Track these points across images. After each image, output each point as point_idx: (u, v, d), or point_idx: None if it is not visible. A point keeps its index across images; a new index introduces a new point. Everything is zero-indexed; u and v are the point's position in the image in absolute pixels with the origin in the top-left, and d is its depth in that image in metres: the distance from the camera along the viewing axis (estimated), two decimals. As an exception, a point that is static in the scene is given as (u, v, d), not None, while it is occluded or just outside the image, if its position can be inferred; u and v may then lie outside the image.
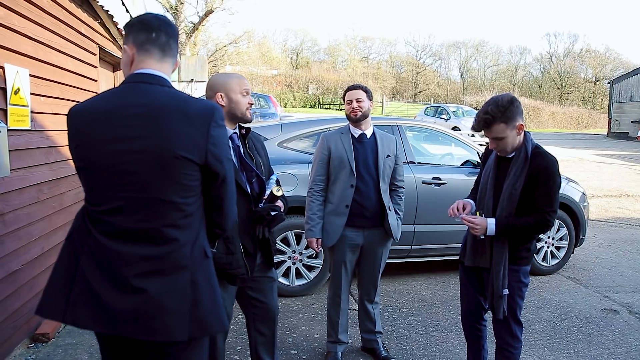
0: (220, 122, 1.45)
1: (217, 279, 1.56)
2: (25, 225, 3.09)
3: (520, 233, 2.34)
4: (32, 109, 3.17)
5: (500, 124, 2.27)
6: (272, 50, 52.95)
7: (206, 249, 1.50)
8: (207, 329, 1.47)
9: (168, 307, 1.40)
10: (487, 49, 59.09)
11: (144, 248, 1.40)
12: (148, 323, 1.40)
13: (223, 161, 1.45)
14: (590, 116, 40.70)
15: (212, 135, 1.41)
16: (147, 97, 1.42)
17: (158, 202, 1.39)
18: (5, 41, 2.84)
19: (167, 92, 1.45)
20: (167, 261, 1.40)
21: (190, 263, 1.43)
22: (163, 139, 1.37)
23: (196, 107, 1.41)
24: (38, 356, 3.08)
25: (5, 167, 2.75)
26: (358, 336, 3.34)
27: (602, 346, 3.47)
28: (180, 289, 1.41)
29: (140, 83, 1.45)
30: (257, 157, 2.36)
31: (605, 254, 5.82)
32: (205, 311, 1.45)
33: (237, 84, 2.22)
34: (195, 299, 1.43)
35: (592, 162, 14.73)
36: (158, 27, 1.50)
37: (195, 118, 1.40)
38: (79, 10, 4.06)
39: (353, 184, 2.92)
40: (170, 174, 1.38)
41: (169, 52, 1.52)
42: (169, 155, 1.36)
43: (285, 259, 4.18)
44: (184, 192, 1.41)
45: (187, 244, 1.43)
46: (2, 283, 2.82)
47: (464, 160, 4.86)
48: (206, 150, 1.40)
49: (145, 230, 1.40)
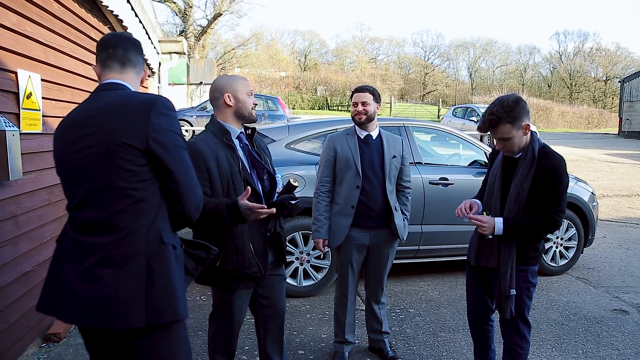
0: (163, 111, 1.52)
1: (178, 267, 1.56)
2: (37, 227, 3.15)
3: (528, 232, 2.34)
4: (44, 113, 3.23)
5: (506, 125, 2.27)
6: (280, 52, 53.12)
7: (163, 234, 1.52)
8: (160, 316, 1.48)
9: (123, 294, 1.45)
10: (495, 48, 58.84)
11: (102, 237, 1.48)
12: (106, 311, 1.46)
13: (168, 147, 1.50)
14: (600, 115, 40.30)
15: (153, 123, 1.48)
16: (100, 101, 1.58)
17: (108, 190, 1.49)
18: (18, 47, 2.90)
19: (120, 94, 1.59)
20: (120, 247, 1.46)
21: (145, 248, 1.47)
22: (107, 132, 1.49)
23: (138, 100, 1.54)
24: (50, 355, 3.13)
25: (18, 169, 2.80)
26: (365, 336, 3.35)
27: (612, 347, 3.45)
28: (135, 274, 1.46)
29: (100, 91, 1.64)
30: (264, 155, 2.40)
31: (616, 254, 5.78)
32: (159, 297, 1.47)
33: (243, 85, 2.29)
34: (150, 284, 1.46)
35: (603, 162, 14.60)
36: (115, 43, 1.69)
37: (137, 108, 1.51)
38: (89, 15, 4.12)
39: (359, 184, 2.94)
40: (114, 160, 1.48)
41: (128, 63, 1.69)
42: (112, 143, 1.48)
43: (293, 259, 4.21)
44: (130, 177, 1.47)
45: (141, 230, 1.48)
46: (15, 283, 2.88)
47: (472, 160, 4.86)
48: (147, 135, 1.47)
49: (102, 220, 1.49)
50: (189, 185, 1.55)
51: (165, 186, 1.53)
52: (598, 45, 54.79)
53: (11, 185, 2.83)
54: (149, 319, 1.46)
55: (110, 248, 1.47)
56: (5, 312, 2.78)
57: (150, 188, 1.51)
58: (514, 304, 2.39)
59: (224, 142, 2.22)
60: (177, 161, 1.51)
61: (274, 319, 2.52)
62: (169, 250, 1.53)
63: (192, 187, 1.56)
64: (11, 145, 2.71)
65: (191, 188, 1.56)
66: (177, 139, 1.54)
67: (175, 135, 1.53)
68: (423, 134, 5.20)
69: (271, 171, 2.34)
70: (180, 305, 1.52)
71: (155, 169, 1.50)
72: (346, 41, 61.40)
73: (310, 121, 5.11)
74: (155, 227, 1.51)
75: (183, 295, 1.55)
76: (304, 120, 5.68)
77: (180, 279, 1.56)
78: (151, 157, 1.48)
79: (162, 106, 1.52)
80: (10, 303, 2.82)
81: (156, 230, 1.50)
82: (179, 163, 1.52)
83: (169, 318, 1.50)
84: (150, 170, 1.50)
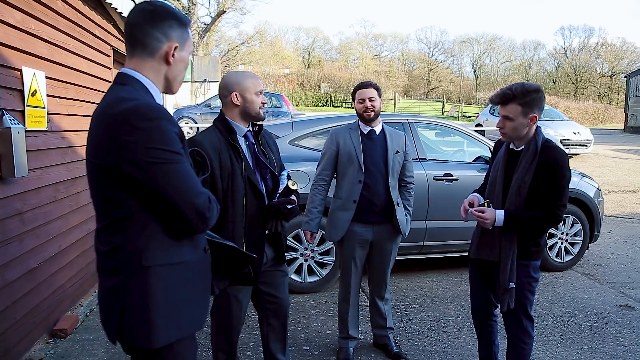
0: (139, 125, 1.32)
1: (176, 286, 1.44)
2: (42, 224, 3.17)
3: (528, 225, 2.34)
4: (49, 110, 3.25)
5: (517, 105, 2.30)
6: (284, 49, 53.04)
7: (144, 256, 1.38)
8: (133, 340, 1.42)
9: (106, 306, 1.44)
10: (500, 44, 58.47)
11: (101, 245, 1.45)
12: (102, 315, 1.48)
13: (143, 166, 1.33)
14: (606, 111, 39.99)
15: (124, 141, 1.31)
16: (104, 99, 1.45)
17: (96, 204, 1.44)
18: (22, 44, 2.91)
19: (114, 94, 1.42)
20: (109, 260, 1.42)
21: (125, 268, 1.39)
22: (90, 144, 1.42)
23: (116, 111, 1.34)
24: (57, 351, 3.15)
25: (23, 167, 2.82)
26: (370, 332, 3.35)
27: (617, 342, 3.43)
28: (115, 291, 1.41)
29: (112, 84, 1.49)
30: (270, 153, 2.40)
31: (621, 250, 5.75)
32: (133, 321, 1.40)
33: (252, 84, 2.27)
34: (126, 306, 1.39)
35: (608, 158, 14.49)
36: (127, 21, 1.48)
37: (111, 122, 1.34)
38: (93, 12, 4.13)
39: (361, 179, 2.94)
40: (91, 178, 1.42)
41: (136, 45, 1.45)
42: (88, 160, 1.41)
43: (297, 256, 4.22)
44: (108, 195, 1.38)
45: (122, 249, 1.39)
46: (21, 280, 2.90)
47: (476, 156, 4.85)
48: (119, 157, 1.33)
49: (98, 229, 1.46)
50: (183, 199, 1.37)
51: (157, 202, 1.38)
52: (604, 41, 54.38)
53: (17, 183, 2.85)
54: (121, 339, 1.43)
55: (104, 258, 1.44)
56: (12, 308, 2.80)
57: (129, 209, 1.38)
58: (517, 299, 2.39)
59: (229, 142, 2.22)
60: (159, 179, 1.33)
61: (277, 314, 2.53)
62: (154, 273, 1.39)
63: (187, 200, 1.37)
64: (16, 143, 2.73)
65: (186, 201, 1.37)
66: (157, 154, 1.33)
67: (155, 151, 1.32)
68: (427, 130, 5.18)
69: (274, 171, 2.34)
70: (158, 333, 1.40)
71: (135, 189, 1.36)
72: (350, 38, 61.41)
73: (313, 117, 5.11)
74: (137, 247, 1.38)
75: (174, 319, 1.43)
76: (307, 117, 5.68)
77: (176, 301, 1.43)
78: (123, 177, 1.34)
79: (138, 119, 1.32)
80: (17, 299, 2.85)
81: (137, 252, 1.38)
82: (163, 180, 1.34)
83: (140, 344, 1.42)
84: (126, 190, 1.36)
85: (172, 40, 1.46)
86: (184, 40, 1.49)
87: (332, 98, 40.31)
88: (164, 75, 1.49)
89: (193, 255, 1.49)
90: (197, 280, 1.51)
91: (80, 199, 3.82)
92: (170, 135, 1.36)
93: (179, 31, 1.47)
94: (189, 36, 1.53)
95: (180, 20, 1.48)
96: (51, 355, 3.10)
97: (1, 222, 2.70)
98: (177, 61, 1.49)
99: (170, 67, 1.48)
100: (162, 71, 1.48)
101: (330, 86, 41.08)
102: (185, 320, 1.47)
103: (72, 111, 3.68)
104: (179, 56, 1.48)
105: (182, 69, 1.52)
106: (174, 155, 1.36)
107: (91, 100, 4.08)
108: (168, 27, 1.45)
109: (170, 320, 1.43)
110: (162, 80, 1.49)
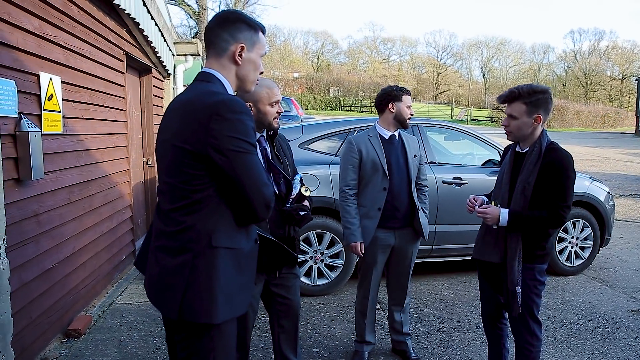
0: (226, 115, 1.45)
1: (236, 269, 1.55)
2: (57, 226, 3.23)
3: (532, 225, 2.34)
4: (64, 114, 3.31)
5: (522, 105, 2.32)
6: (293, 53, 53.30)
7: (213, 237, 1.50)
8: (195, 315, 1.50)
9: (167, 283, 1.52)
10: (509, 48, 58.34)
11: (167, 226, 1.55)
12: (158, 293, 1.57)
13: (227, 154, 1.46)
14: (617, 114, 39.67)
15: (212, 129, 1.44)
16: (185, 93, 1.59)
17: (173, 186, 1.53)
18: (39, 50, 2.98)
19: (199, 89, 1.56)
20: (177, 240, 1.52)
21: (194, 247, 1.50)
22: (175, 131, 1.51)
23: (205, 103, 1.48)
24: (70, 351, 3.20)
25: (40, 169, 2.88)
26: (382, 336, 3.36)
27: (629, 348, 3.41)
28: (181, 269, 1.50)
29: (193, 81, 1.64)
30: (284, 158, 2.43)
31: (633, 254, 5.71)
32: (196, 297, 1.49)
33: (267, 94, 2.26)
34: (190, 282, 1.49)
35: (619, 161, 14.39)
36: (205, 27, 1.65)
37: (200, 112, 1.47)
38: (107, 18, 4.20)
39: (386, 187, 2.91)
40: (177, 160, 1.50)
41: (211, 46, 1.62)
42: (175, 144, 1.50)
43: (307, 258, 4.24)
44: (188, 179, 1.49)
45: (193, 229, 1.50)
46: (37, 280, 2.95)
47: (485, 160, 4.85)
48: (206, 143, 1.45)
49: (168, 211, 1.55)
50: (254, 187, 1.51)
51: (230, 189, 1.51)
52: (614, 44, 54.00)
53: (33, 185, 2.91)
54: (182, 315, 1.50)
55: (170, 238, 1.53)
56: (28, 307, 2.86)
57: (208, 192, 1.50)
58: (523, 302, 2.39)
59: None
60: (237, 167, 1.47)
61: (288, 316, 2.55)
62: (220, 254, 1.52)
63: (257, 188, 1.51)
64: (33, 146, 2.79)
65: (256, 190, 1.51)
66: (238, 144, 1.47)
67: (236, 141, 1.47)
68: (436, 134, 5.19)
69: (287, 176, 2.35)
70: (218, 309, 1.51)
71: (216, 174, 1.48)
72: (359, 42, 61.49)
73: (323, 121, 5.14)
74: (208, 229, 1.50)
75: (230, 298, 1.54)
76: (317, 121, 5.71)
77: (232, 282, 1.55)
78: (210, 163, 1.46)
79: (226, 110, 1.45)
80: (32, 299, 2.90)
81: (207, 233, 1.50)
82: (240, 168, 1.48)
83: (202, 319, 1.51)
84: (208, 175, 1.48)
85: (239, 41, 1.59)
86: (252, 42, 1.63)
87: (340, 102, 40.39)
88: (235, 74, 1.63)
89: (247, 244, 1.61)
90: (247, 267, 1.62)
91: (94, 201, 3.88)
92: (250, 128, 1.51)
93: (247, 34, 1.61)
94: (259, 39, 1.65)
95: (249, 24, 1.62)
96: (65, 355, 3.15)
97: (18, 224, 2.75)
98: (246, 61, 1.62)
99: (239, 66, 1.62)
100: (232, 70, 1.62)
101: (339, 90, 41.16)
102: (236, 302, 1.57)
103: (87, 115, 3.74)
104: (247, 56, 1.62)
105: (251, 69, 1.65)
106: (251, 147, 1.50)
107: (105, 105, 4.14)
108: (235, 29, 1.60)
109: (227, 299, 1.53)
110: (233, 78, 1.63)
